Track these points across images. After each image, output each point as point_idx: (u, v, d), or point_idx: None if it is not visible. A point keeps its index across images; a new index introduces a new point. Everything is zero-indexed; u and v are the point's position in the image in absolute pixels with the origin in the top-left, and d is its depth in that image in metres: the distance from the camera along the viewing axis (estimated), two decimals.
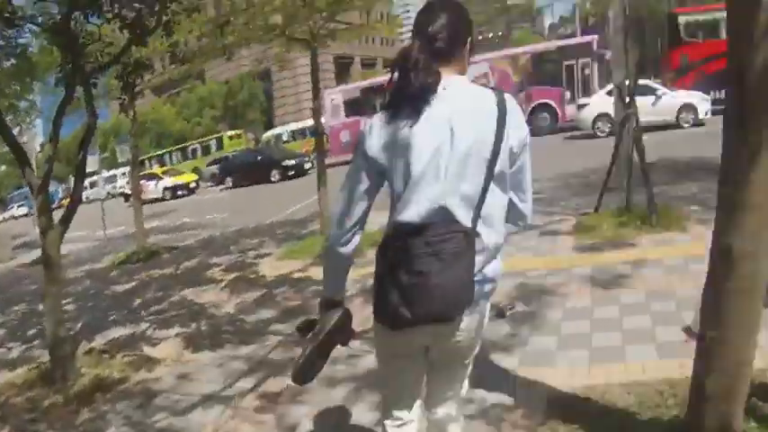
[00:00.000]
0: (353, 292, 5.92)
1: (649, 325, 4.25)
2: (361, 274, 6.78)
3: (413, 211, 1.64)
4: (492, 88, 1.76)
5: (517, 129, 1.71)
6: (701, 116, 17.22)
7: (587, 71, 20.55)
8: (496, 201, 1.71)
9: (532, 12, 52.66)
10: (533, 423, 3.13)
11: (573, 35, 36.00)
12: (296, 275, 7.06)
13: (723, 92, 18.23)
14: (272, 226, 11.91)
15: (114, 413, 3.99)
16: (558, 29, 59.35)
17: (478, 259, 1.66)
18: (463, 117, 1.64)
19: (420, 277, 1.57)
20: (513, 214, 1.82)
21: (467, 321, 1.78)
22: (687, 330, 4.00)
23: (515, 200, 1.81)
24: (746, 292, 2.22)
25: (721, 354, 2.31)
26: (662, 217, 6.99)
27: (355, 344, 4.30)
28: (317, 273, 7.12)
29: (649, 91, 16.43)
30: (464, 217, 1.65)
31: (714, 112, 17.58)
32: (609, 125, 16.44)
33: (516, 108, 1.72)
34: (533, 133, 9.73)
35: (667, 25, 20.37)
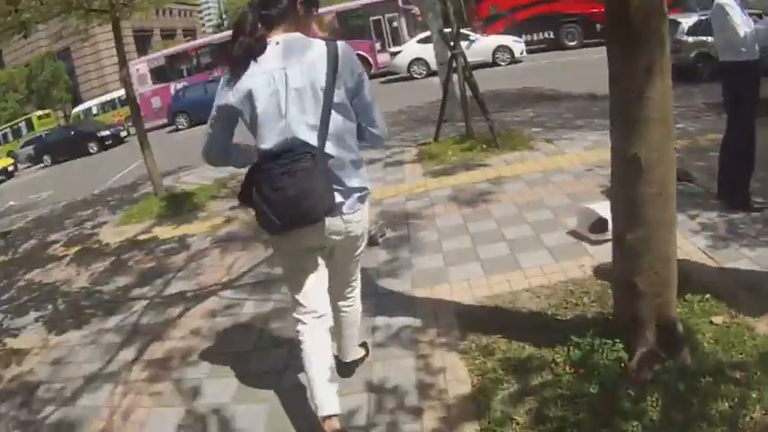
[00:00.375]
0: (207, 246, 5.68)
1: (532, 233, 4.33)
2: (209, 226, 6.36)
3: (268, 143, 2.13)
4: (326, 39, 2.18)
5: (349, 69, 2.15)
6: (516, 55, 20.43)
7: (395, 24, 24.42)
8: (342, 126, 2.17)
9: None
10: (452, 339, 2.91)
11: None
12: (141, 237, 6.76)
13: (536, 34, 21.21)
14: (102, 195, 11.49)
15: None
16: None
17: (338, 172, 2.17)
18: (294, 65, 2.10)
19: (278, 192, 2.08)
20: (369, 137, 2.34)
21: (339, 221, 2.23)
22: (574, 233, 4.10)
23: (368, 126, 2.30)
24: (660, 195, 2.42)
25: (647, 252, 2.48)
26: (505, 139, 7.35)
27: (227, 293, 4.27)
28: (162, 232, 6.65)
29: (462, 37, 18.08)
30: (311, 141, 2.11)
31: (529, 51, 21.12)
32: (424, 68, 19.90)
33: (348, 53, 2.16)
34: None
35: None
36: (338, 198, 2.18)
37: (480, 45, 19.91)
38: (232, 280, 4.57)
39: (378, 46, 24.43)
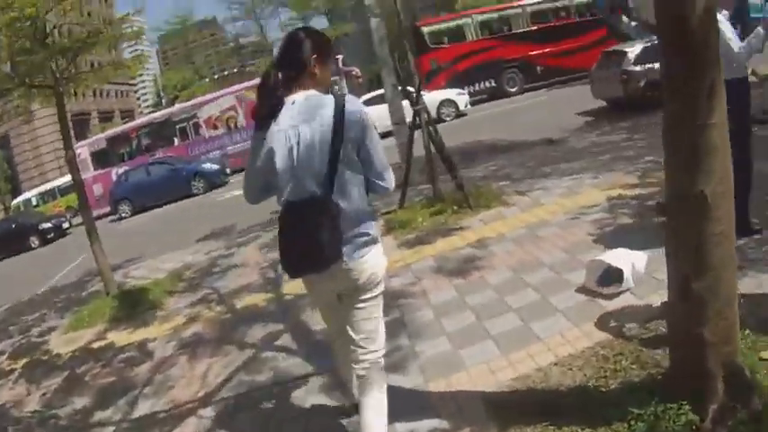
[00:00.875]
0: (172, 352, 5.46)
1: (539, 297, 4.25)
2: (171, 328, 6.12)
3: (286, 193, 2.52)
4: (335, 94, 2.53)
5: (355, 124, 2.44)
6: (461, 108, 21.26)
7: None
8: (348, 178, 2.48)
9: (264, 47, 61.74)
10: None
11: None
12: (95, 345, 6.50)
13: (478, 84, 22.26)
14: (47, 295, 11.17)
15: None
16: None
17: (345, 222, 2.45)
18: (306, 122, 2.45)
19: (289, 240, 2.53)
20: (376, 188, 2.59)
21: (344, 268, 2.51)
22: (584, 290, 4.07)
23: (373, 179, 2.55)
24: (726, 233, 2.41)
25: (715, 298, 2.42)
26: (477, 197, 7.41)
27: (207, 412, 4.04)
28: (118, 337, 6.39)
29: (407, 94, 18.90)
30: (319, 192, 2.44)
31: (473, 103, 21.82)
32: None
33: (355, 108, 2.47)
34: None
35: (413, 37, 24.27)
36: (344, 246, 2.47)
37: (425, 100, 20.59)
38: (209, 394, 4.26)
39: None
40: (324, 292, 2.72)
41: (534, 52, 23.17)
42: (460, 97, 21.29)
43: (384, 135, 18.31)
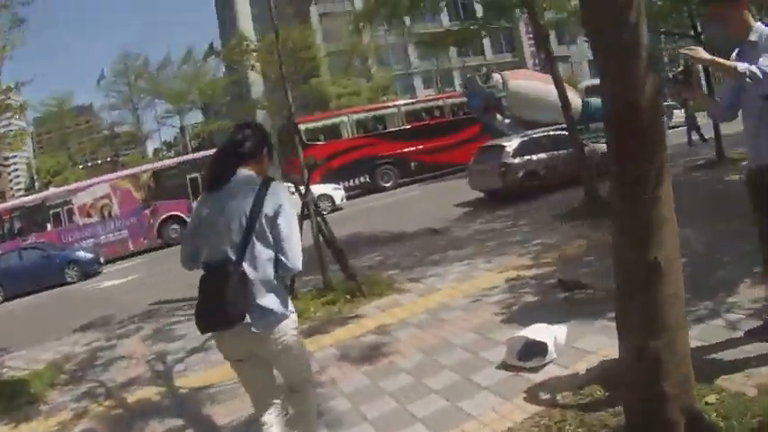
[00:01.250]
0: None
1: (459, 377, 4.24)
2: (57, 423, 5.57)
3: (206, 255, 2.94)
4: (266, 178, 3.03)
5: (272, 203, 2.88)
6: (337, 203, 21.95)
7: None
8: (259, 250, 2.86)
9: (138, 138, 60.06)
10: None
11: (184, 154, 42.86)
12: None
13: (353, 179, 23.10)
14: None
15: None
16: (161, 152, 70.54)
17: (253, 289, 2.81)
18: (235, 195, 2.91)
19: (203, 297, 2.87)
20: (280, 266, 2.90)
21: (255, 333, 2.85)
22: (506, 366, 4.15)
23: (280, 256, 2.88)
24: (678, 294, 2.68)
25: (672, 354, 2.65)
26: (369, 286, 7.48)
27: None
28: None
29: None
30: (233, 258, 2.84)
31: (349, 198, 22.82)
32: None
33: (277, 189, 2.95)
34: (167, 245, 15.67)
35: (292, 134, 24.98)
36: (251, 313, 2.79)
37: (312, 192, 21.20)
38: None
39: (194, 205, 24.95)
40: (234, 352, 3.00)
41: (408, 149, 24.76)
42: (336, 192, 22.09)
43: None
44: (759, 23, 3.40)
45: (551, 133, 16.25)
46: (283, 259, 2.87)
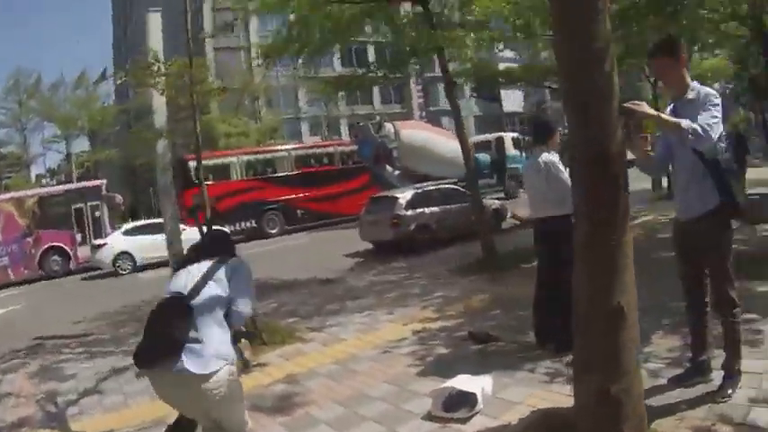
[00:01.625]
0: None
1: (383, 429, 4.23)
2: None
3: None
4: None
5: (236, 262, 3.44)
6: None
7: (98, 213, 24.64)
8: (213, 293, 3.19)
9: (23, 161, 57.29)
10: None
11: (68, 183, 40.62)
12: None
13: (239, 224, 22.49)
14: None
15: None
16: (43, 177, 67.45)
17: (189, 325, 3.01)
18: (200, 264, 3.38)
19: (145, 330, 3.11)
20: (233, 314, 3.25)
21: (192, 375, 2.92)
22: (433, 417, 4.19)
23: (233, 304, 3.25)
24: (635, 339, 2.90)
25: (630, 397, 2.87)
26: (269, 333, 7.31)
27: None
28: None
29: (158, 229, 18.71)
30: (185, 294, 3.15)
31: (235, 242, 21.77)
32: (130, 263, 20.60)
33: (239, 259, 3.52)
34: (48, 277, 15.17)
35: (179, 170, 24.08)
36: (189, 354, 2.92)
37: (188, 236, 20.08)
38: None
39: (79, 237, 24.00)
40: (169, 397, 3.14)
41: (296, 195, 24.65)
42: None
43: (158, 265, 17.96)
44: (695, 82, 3.75)
45: (442, 187, 16.83)
46: (235, 306, 3.22)
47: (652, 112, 3.41)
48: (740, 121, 41.61)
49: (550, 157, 5.37)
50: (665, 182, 20.55)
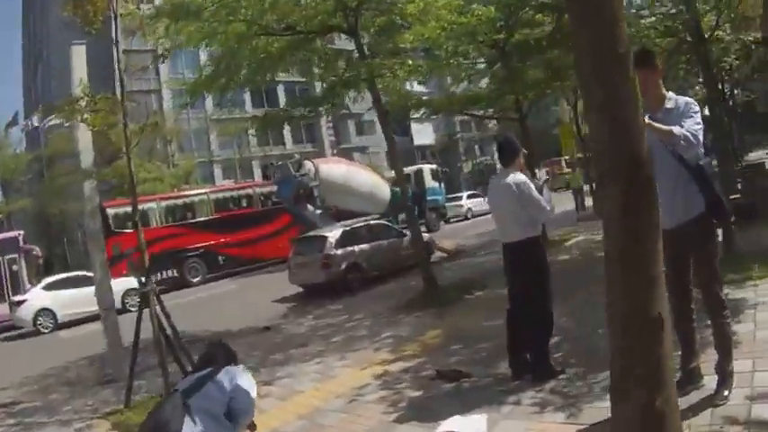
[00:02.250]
0: None
1: None
2: None
3: None
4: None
5: (238, 368, 3.52)
6: None
7: (15, 267, 23.40)
8: (213, 394, 3.25)
9: None
10: None
11: None
12: None
13: (160, 273, 21.68)
14: None
15: None
16: None
17: (184, 417, 3.04)
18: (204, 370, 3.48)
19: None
20: (232, 412, 3.28)
21: None
22: None
23: (232, 402, 3.28)
24: (671, 348, 2.95)
25: (671, 408, 2.92)
26: None
27: None
28: None
29: (84, 281, 18.12)
30: (183, 389, 3.29)
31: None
32: (52, 320, 19.39)
33: (239, 371, 3.53)
34: None
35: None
36: None
37: (116, 286, 19.48)
38: None
39: None
40: None
41: (217, 241, 23.97)
42: None
43: (88, 320, 16.79)
44: (671, 93, 3.81)
45: (371, 223, 16.71)
46: (234, 405, 3.26)
47: (645, 120, 3.44)
48: None
49: (520, 177, 5.22)
50: (588, 201, 21.41)
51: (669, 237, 3.91)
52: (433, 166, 34.79)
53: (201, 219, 24.96)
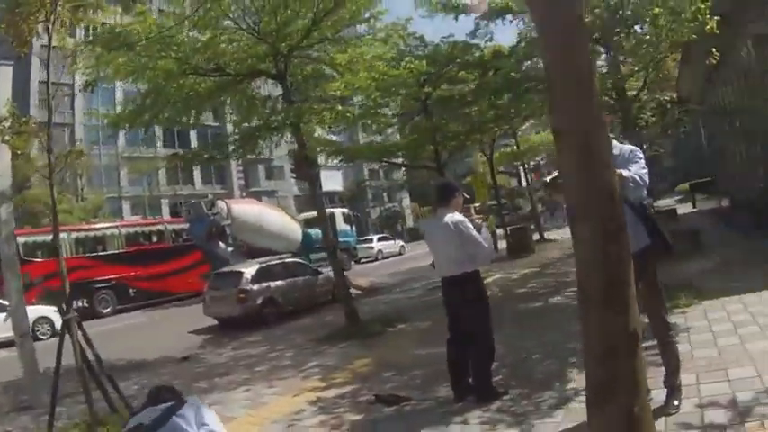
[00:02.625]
0: None
1: None
2: None
3: None
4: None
5: (196, 407, 3.38)
6: (57, 327, 19.13)
7: None
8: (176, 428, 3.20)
9: None
10: None
11: None
12: None
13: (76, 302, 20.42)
14: None
15: None
16: None
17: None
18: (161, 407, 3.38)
19: None
20: None
21: None
22: None
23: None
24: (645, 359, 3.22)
25: (648, 414, 3.14)
26: None
27: None
28: None
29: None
30: (148, 424, 3.26)
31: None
32: None
33: (198, 403, 3.47)
34: None
35: None
36: None
37: (32, 314, 18.38)
38: None
39: None
40: None
41: (128, 274, 23.09)
42: (57, 315, 19.42)
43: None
44: (615, 141, 4.15)
45: (286, 261, 16.77)
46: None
47: None
48: None
49: (458, 216, 5.35)
50: (500, 244, 22.22)
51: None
52: (345, 210, 35.24)
53: (112, 251, 23.99)
